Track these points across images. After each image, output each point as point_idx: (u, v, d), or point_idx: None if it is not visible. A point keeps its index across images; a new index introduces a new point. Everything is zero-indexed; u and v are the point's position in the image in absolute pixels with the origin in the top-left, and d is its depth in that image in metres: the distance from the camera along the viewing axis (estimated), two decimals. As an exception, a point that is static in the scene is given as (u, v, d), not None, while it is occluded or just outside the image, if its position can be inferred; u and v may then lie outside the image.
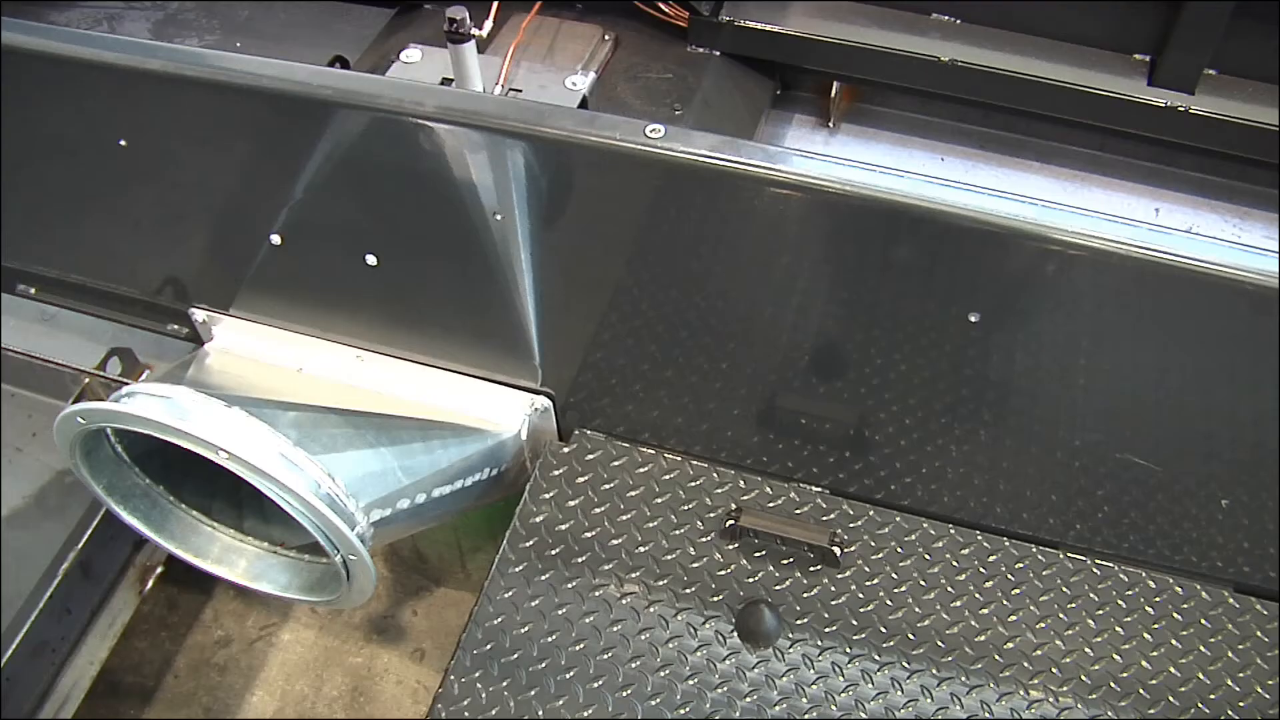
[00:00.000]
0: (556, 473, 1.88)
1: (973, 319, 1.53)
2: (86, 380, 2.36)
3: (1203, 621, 1.73)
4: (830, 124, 2.13)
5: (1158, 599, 1.76)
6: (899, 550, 1.80)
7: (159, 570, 2.42)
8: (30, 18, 2.59)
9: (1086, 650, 1.70)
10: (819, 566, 1.78)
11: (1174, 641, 1.71)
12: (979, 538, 1.82)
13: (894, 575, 1.78)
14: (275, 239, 1.83)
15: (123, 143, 1.80)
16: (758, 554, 1.79)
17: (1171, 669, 1.68)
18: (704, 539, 1.81)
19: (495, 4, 1.91)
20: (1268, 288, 1.35)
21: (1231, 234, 2.06)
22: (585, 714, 1.63)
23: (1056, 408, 1.65)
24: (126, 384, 2.21)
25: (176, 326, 2.20)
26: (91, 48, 1.70)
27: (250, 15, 2.46)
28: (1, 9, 1.75)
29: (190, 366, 2.01)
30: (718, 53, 2.03)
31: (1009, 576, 1.78)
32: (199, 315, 2.09)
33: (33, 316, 2.47)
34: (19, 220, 2.11)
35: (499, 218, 1.61)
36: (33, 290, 2.33)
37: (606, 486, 1.87)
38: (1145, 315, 1.47)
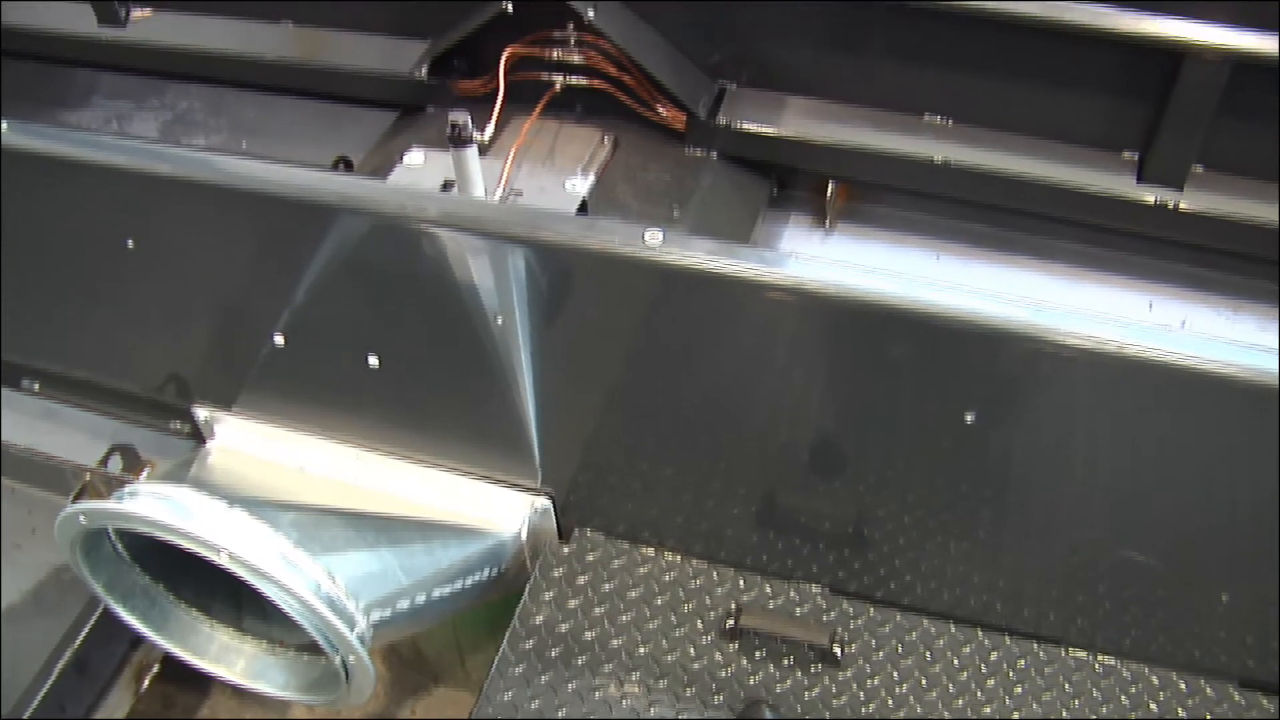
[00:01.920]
0: (556, 573, 1.88)
1: (969, 419, 1.54)
2: (88, 476, 2.36)
3: (1208, 718, 1.72)
4: (826, 223, 2.16)
5: (1162, 695, 1.75)
6: (899, 649, 1.79)
7: (155, 669, 2.40)
8: (44, 117, 2.67)
9: (1090, 750, 1.68)
10: (820, 666, 1.77)
11: (1179, 740, 1.70)
12: (979, 635, 1.81)
13: (895, 674, 1.77)
14: (279, 339, 1.84)
15: (130, 244, 1.82)
16: (758, 654, 1.79)
17: (1177, 768, 1.67)
18: (704, 639, 1.80)
19: (497, 109, 1.95)
20: (1261, 384, 1.36)
21: (1225, 326, 2.07)
22: (585, 819, 1.61)
23: (1054, 505, 1.66)
24: (128, 480, 2.21)
25: (179, 424, 2.21)
26: (104, 152, 1.74)
27: (256, 115, 2.51)
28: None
29: (192, 465, 2.02)
30: (715, 154, 2.07)
31: (1010, 674, 1.77)
32: (201, 413, 2.10)
33: (34, 411, 2.48)
34: (24, 316, 2.14)
35: (500, 320, 1.63)
36: (36, 386, 2.35)
37: (606, 587, 1.86)
38: (1141, 413, 1.48)
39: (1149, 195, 1.97)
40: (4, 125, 1.78)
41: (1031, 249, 2.18)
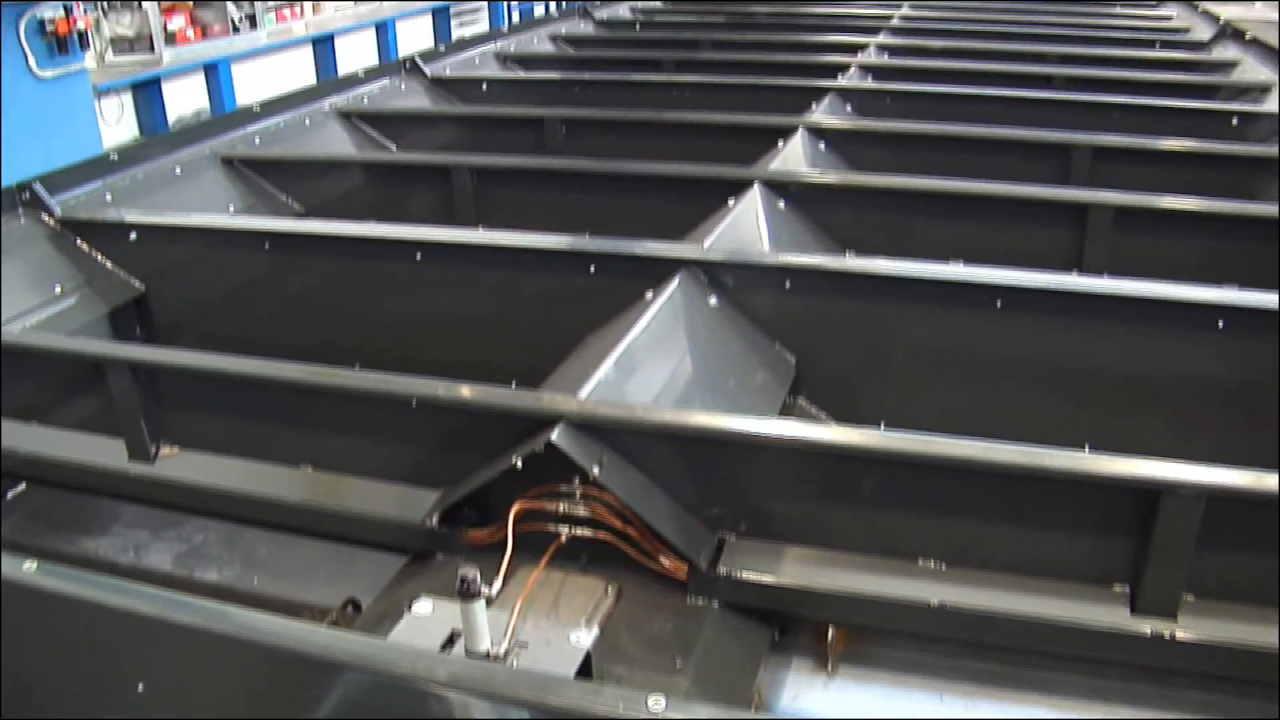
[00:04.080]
0: None
1: None
2: None
3: None
4: (829, 667, 2.18)
5: None
6: None
7: None
8: (64, 543, 2.75)
9: None
10: None
11: None
12: None
13: None
14: (280, 789, 1.82)
15: (140, 688, 1.84)
16: None
17: None
18: None
19: (505, 562, 2.03)
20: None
21: (1241, 757, 2.05)
22: None
23: None
24: None
25: None
26: (131, 599, 1.80)
27: (269, 552, 2.59)
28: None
29: None
30: (716, 603, 2.12)
31: None
32: None
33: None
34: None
35: (506, 779, 1.62)
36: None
37: None
38: None
39: (1145, 627, 2.01)
40: (33, 565, 1.86)
41: (1035, 684, 2.18)
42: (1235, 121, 4.80)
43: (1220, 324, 2.72)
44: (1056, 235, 3.59)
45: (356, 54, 13.94)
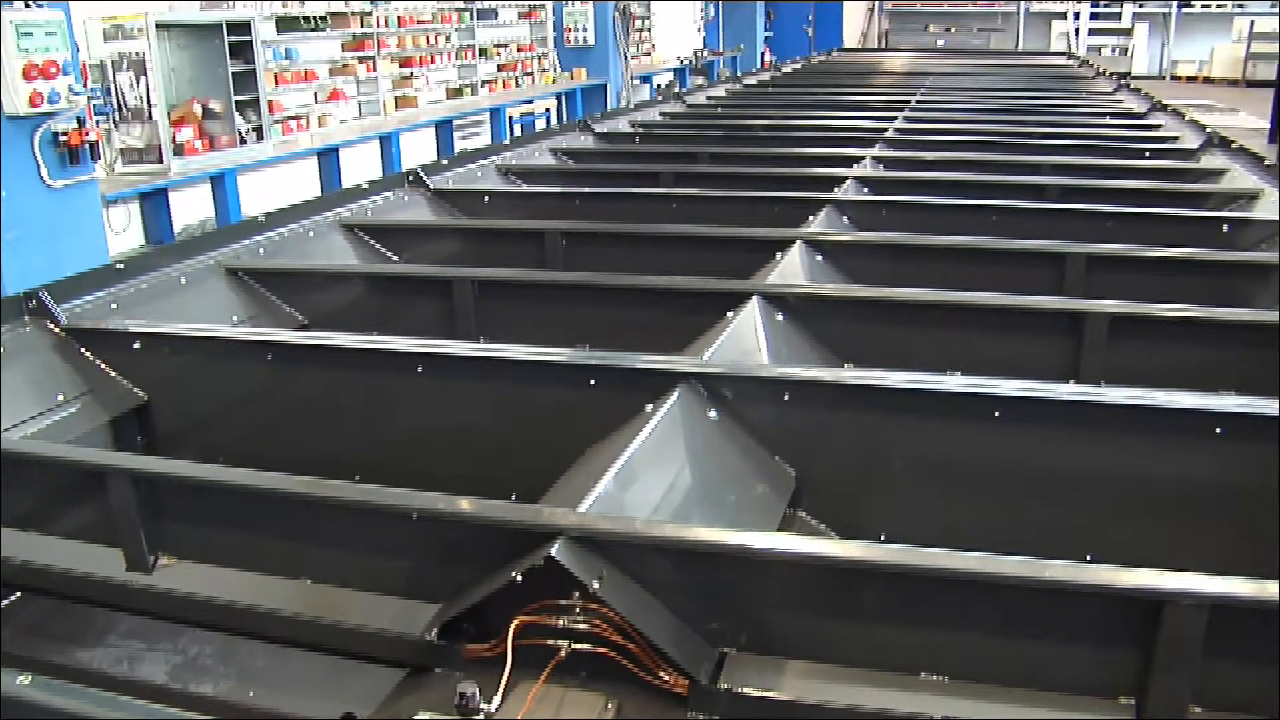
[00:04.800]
0: None
1: None
2: None
3: None
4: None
5: None
6: None
7: None
8: (56, 653, 2.73)
9: None
10: None
11: None
12: None
13: None
14: None
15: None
16: None
17: None
18: None
19: (504, 679, 2.01)
20: None
21: None
22: None
23: None
24: None
25: None
26: (123, 714, 1.79)
27: (266, 665, 2.56)
28: None
29: None
30: (717, 719, 2.10)
31: None
32: None
33: None
34: None
35: None
36: None
37: None
38: None
39: (1152, 737, 1.99)
40: (27, 679, 1.85)
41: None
42: (1226, 228, 4.88)
43: (1218, 431, 2.74)
44: (1053, 345, 3.63)
45: (360, 166, 14.16)
